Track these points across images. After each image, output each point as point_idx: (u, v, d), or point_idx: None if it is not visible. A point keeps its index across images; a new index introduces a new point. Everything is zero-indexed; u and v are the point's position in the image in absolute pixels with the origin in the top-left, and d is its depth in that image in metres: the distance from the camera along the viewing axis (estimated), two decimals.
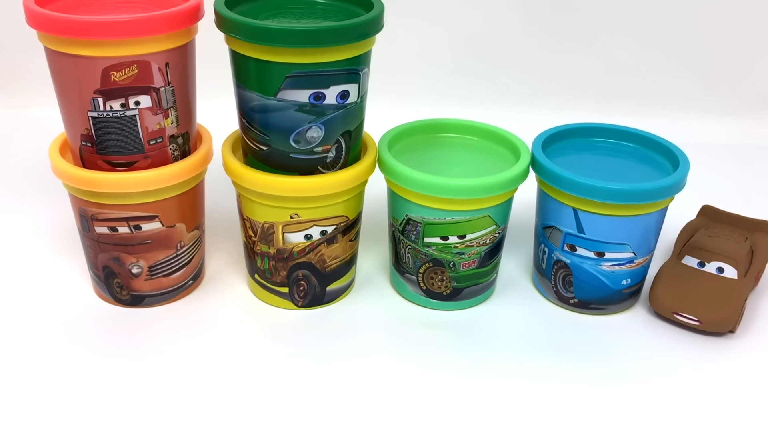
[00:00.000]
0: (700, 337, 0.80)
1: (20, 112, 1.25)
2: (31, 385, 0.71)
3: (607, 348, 0.79)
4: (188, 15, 0.73)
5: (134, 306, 0.81)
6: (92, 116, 0.72)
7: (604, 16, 1.25)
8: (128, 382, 0.72)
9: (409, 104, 1.18)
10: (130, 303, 0.81)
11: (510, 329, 0.81)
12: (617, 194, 0.75)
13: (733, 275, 0.83)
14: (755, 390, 0.74)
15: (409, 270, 0.83)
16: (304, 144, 0.74)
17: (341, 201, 0.78)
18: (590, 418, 0.70)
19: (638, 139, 0.87)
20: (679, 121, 1.24)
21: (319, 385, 0.72)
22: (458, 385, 0.73)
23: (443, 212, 0.77)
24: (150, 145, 0.75)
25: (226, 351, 0.76)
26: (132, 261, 0.79)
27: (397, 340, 0.79)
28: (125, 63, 0.70)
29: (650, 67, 1.28)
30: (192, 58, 0.77)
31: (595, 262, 0.80)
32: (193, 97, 0.79)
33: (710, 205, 0.95)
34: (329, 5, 0.78)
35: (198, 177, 0.80)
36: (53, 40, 0.70)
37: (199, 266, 0.85)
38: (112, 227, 0.77)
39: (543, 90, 1.29)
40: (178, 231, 0.79)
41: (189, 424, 0.68)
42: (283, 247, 0.78)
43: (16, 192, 1.04)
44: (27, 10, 0.70)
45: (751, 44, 1.27)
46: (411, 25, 1.24)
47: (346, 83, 0.73)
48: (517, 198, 0.83)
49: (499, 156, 0.84)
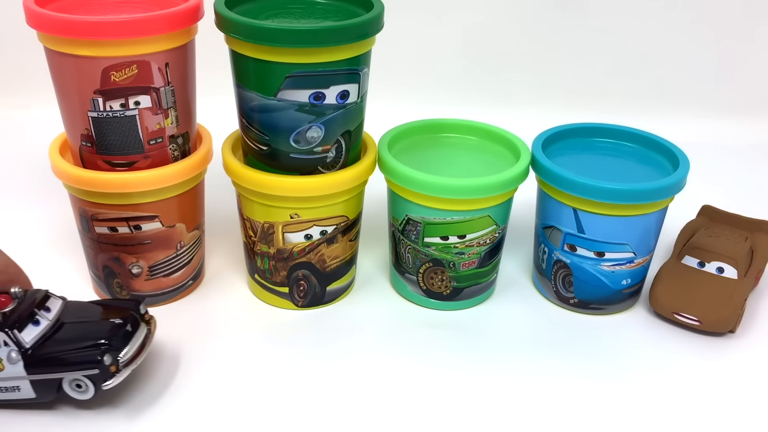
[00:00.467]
0: (700, 337, 0.80)
1: (20, 112, 1.25)
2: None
3: (607, 348, 0.79)
4: (188, 15, 0.73)
5: None
6: (92, 116, 0.72)
7: (605, 16, 1.25)
8: (128, 382, 0.72)
9: (409, 104, 1.18)
10: None
11: (510, 329, 0.81)
12: (617, 194, 0.75)
13: (733, 275, 0.83)
14: (755, 390, 0.74)
15: (409, 270, 0.83)
16: (304, 144, 0.74)
17: (341, 201, 0.78)
18: (590, 417, 0.70)
19: (638, 139, 0.87)
20: (679, 121, 1.24)
21: (319, 385, 0.72)
22: (458, 385, 0.73)
23: (443, 212, 0.77)
24: (150, 145, 0.75)
25: (226, 351, 0.76)
26: (132, 261, 0.79)
27: (397, 340, 0.79)
28: (125, 63, 0.70)
29: (650, 67, 1.28)
30: (192, 58, 0.77)
31: (595, 262, 0.80)
32: (193, 97, 0.79)
33: (710, 205, 0.95)
34: (329, 5, 0.78)
35: (198, 177, 0.80)
36: (53, 40, 0.70)
37: (199, 266, 0.85)
38: (112, 227, 0.77)
39: (543, 90, 1.29)
40: (178, 231, 0.79)
41: (188, 424, 0.68)
42: (283, 247, 0.79)
43: (16, 192, 1.04)
44: (27, 10, 0.70)
45: (752, 44, 1.27)
46: (411, 25, 1.24)
47: (346, 83, 0.73)
48: (517, 198, 0.83)
49: (499, 156, 0.84)
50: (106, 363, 0.64)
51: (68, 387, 0.65)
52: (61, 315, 0.69)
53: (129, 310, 0.70)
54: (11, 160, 1.12)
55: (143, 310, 0.71)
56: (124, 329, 0.68)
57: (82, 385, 0.65)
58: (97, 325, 0.68)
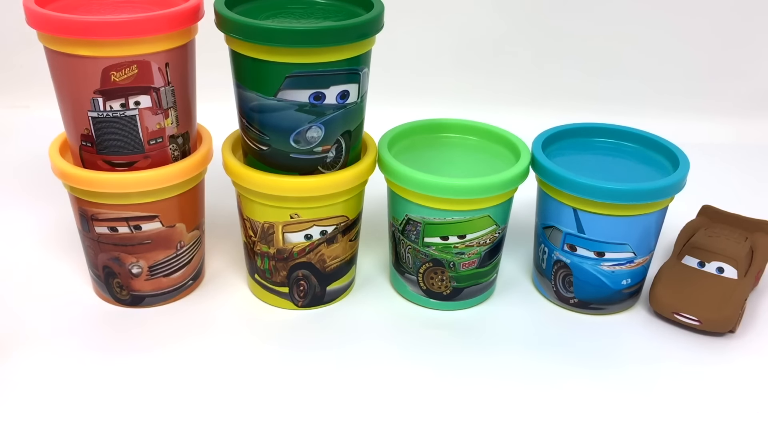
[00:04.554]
0: (700, 337, 0.80)
1: (20, 112, 1.25)
2: (31, 385, 0.71)
3: (606, 348, 0.79)
4: (188, 15, 0.72)
5: (134, 306, 0.81)
6: (92, 116, 0.72)
7: (605, 16, 1.25)
8: (128, 382, 0.72)
9: (409, 104, 1.18)
10: (130, 303, 0.81)
11: (510, 329, 0.81)
12: (617, 194, 0.75)
13: (733, 275, 0.83)
14: (755, 390, 0.74)
15: (409, 270, 0.83)
16: (304, 144, 0.74)
17: (341, 201, 0.78)
18: (590, 417, 0.70)
19: (638, 139, 0.87)
20: (679, 121, 1.24)
21: (319, 385, 0.72)
22: (458, 385, 0.73)
23: (443, 212, 0.77)
24: (150, 145, 0.75)
25: (226, 351, 0.76)
26: (132, 261, 0.79)
27: (397, 340, 0.79)
28: (125, 63, 0.70)
29: (650, 67, 1.28)
30: (192, 58, 0.77)
31: (595, 262, 0.80)
32: (193, 97, 0.79)
33: (710, 205, 0.95)
34: (329, 5, 0.78)
35: (198, 177, 0.80)
36: (53, 40, 0.70)
37: (199, 266, 0.85)
38: (112, 227, 0.77)
39: (543, 90, 1.29)
40: (178, 231, 0.79)
41: (188, 424, 0.68)
42: (283, 247, 0.79)
43: (16, 192, 1.04)
44: (27, 10, 0.70)
45: (752, 44, 1.27)
46: (411, 25, 1.24)
47: (346, 83, 0.73)
48: (517, 198, 0.83)
49: (499, 156, 0.84)
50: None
51: None
52: None
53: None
54: (11, 160, 1.12)
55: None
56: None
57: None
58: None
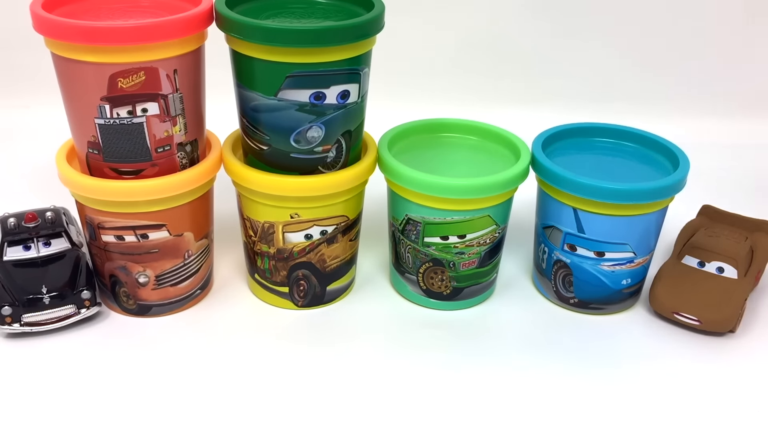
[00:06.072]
0: (700, 337, 0.80)
1: (20, 112, 1.25)
2: (36, 393, 0.71)
3: (606, 348, 0.79)
4: (198, 21, 0.71)
5: (141, 315, 0.80)
6: (99, 123, 0.71)
7: (605, 16, 1.25)
8: (133, 390, 0.71)
9: (409, 104, 1.17)
10: (136, 312, 0.80)
11: (510, 329, 0.81)
12: (617, 194, 0.75)
13: (733, 275, 0.83)
14: (755, 390, 0.74)
15: (409, 270, 0.83)
16: (304, 144, 0.74)
17: (341, 201, 0.78)
18: (590, 417, 0.70)
19: (638, 139, 0.87)
20: (679, 121, 1.24)
21: (319, 385, 0.72)
22: (458, 385, 0.73)
23: (443, 212, 0.77)
24: (157, 152, 0.74)
25: (226, 351, 0.76)
26: (139, 270, 0.78)
27: (397, 340, 0.79)
28: (132, 69, 0.69)
29: (650, 67, 1.28)
30: (201, 64, 0.75)
31: (595, 261, 0.80)
32: (202, 104, 0.77)
33: (710, 205, 0.95)
34: (330, 5, 0.78)
35: (206, 185, 0.79)
36: (60, 46, 0.69)
37: (207, 276, 0.84)
38: (119, 236, 0.76)
39: (543, 90, 1.29)
40: (185, 240, 0.78)
41: (188, 424, 0.68)
42: (283, 246, 0.79)
43: (16, 192, 1.04)
44: (34, 15, 0.69)
45: (752, 44, 1.27)
46: (411, 25, 1.24)
47: (347, 83, 0.73)
48: (517, 198, 0.83)
49: (499, 156, 0.84)
50: (3, 313, 0.74)
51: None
52: (57, 256, 0.79)
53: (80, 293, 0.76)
54: (11, 160, 1.12)
55: (87, 296, 0.77)
56: (52, 298, 0.75)
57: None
58: (46, 282, 0.76)
